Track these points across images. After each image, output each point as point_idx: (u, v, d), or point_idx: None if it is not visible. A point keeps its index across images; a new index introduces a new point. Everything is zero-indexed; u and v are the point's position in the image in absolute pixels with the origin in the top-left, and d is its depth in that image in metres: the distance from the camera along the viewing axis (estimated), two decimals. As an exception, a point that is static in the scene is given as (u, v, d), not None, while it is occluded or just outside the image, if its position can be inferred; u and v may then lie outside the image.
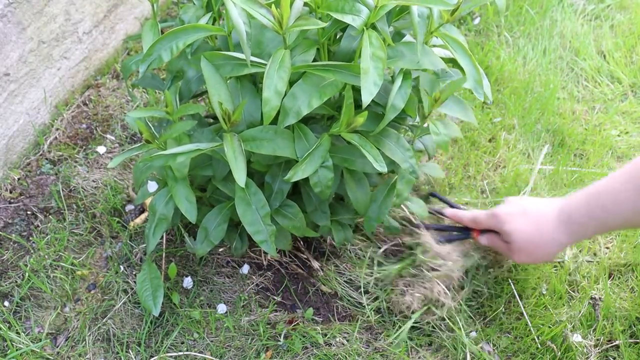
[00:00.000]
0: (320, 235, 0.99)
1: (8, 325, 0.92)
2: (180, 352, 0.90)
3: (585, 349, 0.90)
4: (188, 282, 0.98)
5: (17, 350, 0.88)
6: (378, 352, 0.91)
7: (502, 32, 1.55)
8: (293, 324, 0.93)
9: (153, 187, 0.89)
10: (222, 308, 0.96)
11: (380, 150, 0.72)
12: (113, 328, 0.93)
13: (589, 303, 0.96)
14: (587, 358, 0.89)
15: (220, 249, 1.03)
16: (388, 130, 0.75)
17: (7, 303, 0.95)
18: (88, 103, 1.30)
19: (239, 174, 0.67)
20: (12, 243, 1.04)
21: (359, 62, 0.62)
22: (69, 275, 0.99)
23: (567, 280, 0.98)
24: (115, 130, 1.25)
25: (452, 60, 0.79)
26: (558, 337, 0.91)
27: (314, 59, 0.70)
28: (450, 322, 0.93)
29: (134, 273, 1.00)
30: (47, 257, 1.01)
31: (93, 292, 0.97)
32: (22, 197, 1.11)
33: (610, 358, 0.90)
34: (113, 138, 1.24)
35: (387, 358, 0.90)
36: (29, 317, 0.94)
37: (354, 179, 0.83)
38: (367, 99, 0.61)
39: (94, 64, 1.34)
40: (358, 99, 0.70)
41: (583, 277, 0.99)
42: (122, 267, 1.01)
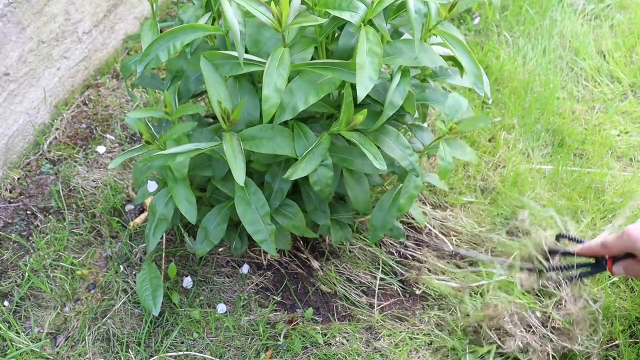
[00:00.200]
0: (320, 235, 0.99)
1: (8, 325, 0.92)
2: (180, 352, 0.90)
3: (586, 349, 0.90)
4: (188, 282, 0.98)
5: (17, 350, 0.88)
6: (378, 352, 0.90)
7: (502, 32, 1.55)
8: (293, 324, 0.93)
9: (153, 187, 0.89)
10: (222, 308, 0.95)
11: (380, 149, 0.72)
12: (113, 328, 0.93)
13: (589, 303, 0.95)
14: (587, 358, 0.89)
15: (220, 249, 1.03)
16: (387, 128, 0.75)
17: (7, 303, 0.95)
18: (88, 103, 1.30)
19: (239, 174, 0.67)
20: (12, 243, 1.04)
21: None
22: (69, 275, 0.99)
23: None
24: (115, 130, 1.25)
25: (451, 58, 0.79)
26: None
27: (313, 58, 0.70)
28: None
29: (134, 273, 1.00)
30: (47, 257, 1.01)
31: (93, 292, 0.97)
32: (22, 197, 1.11)
33: (610, 358, 0.90)
34: (113, 138, 1.24)
35: (387, 358, 0.90)
36: (29, 317, 0.94)
37: (354, 178, 0.83)
38: (362, 94, 0.61)
39: (94, 64, 1.35)
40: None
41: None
42: (122, 267, 1.01)
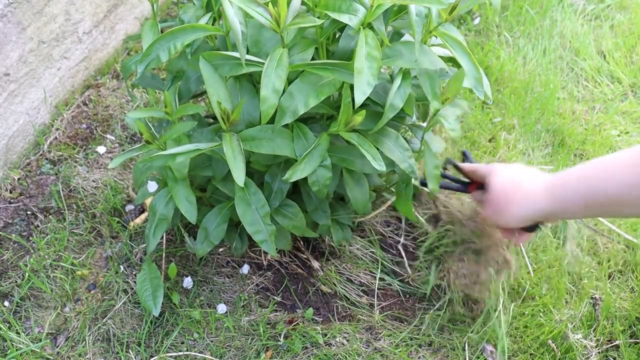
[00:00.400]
0: (320, 235, 0.99)
1: (8, 325, 0.92)
2: (180, 352, 0.90)
3: (586, 349, 0.90)
4: (188, 282, 0.98)
5: (17, 350, 0.88)
6: (378, 352, 0.90)
7: (502, 32, 1.55)
8: (293, 324, 0.93)
9: (153, 187, 0.89)
10: (222, 308, 0.96)
11: (379, 150, 0.72)
12: (113, 328, 0.93)
13: (589, 303, 0.96)
14: (587, 358, 0.89)
15: (220, 249, 1.03)
16: (387, 130, 0.75)
17: (7, 303, 0.96)
18: (88, 103, 1.30)
19: (238, 174, 0.67)
20: (12, 243, 1.04)
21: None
22: (69, 275, 0.99)
23: (567, 280, 0.98)
24: (115, 130, 1.25)
25: (451, 60, 0.78)
26: (558, 337, 0.91)
27: (313, 58, 0.70)
28: (450, 322, 0.93)
29: (134, 273, 1.00)
30: (47, 257, 1.01)
31: (93, 292, 0.98)
32: (22, 197, 1.11)
33: (610, 358, 0.90)
34: (113, 138, 1.24)
35: (387, 358, 0.90)
36: (29, 317, 0.94)
37: (354, 179, 0.83)
38: (359, 99, 0.61)
39: (94, 64, 1.35)
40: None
41: (583, 277, 0.99)
42: (122, 267, 1.01)
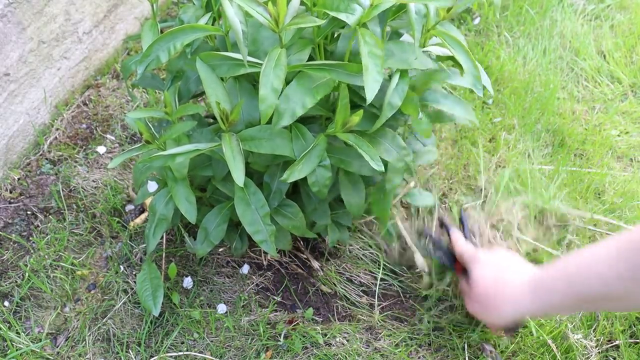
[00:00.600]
0: (320, 235, 0.99)
1: (8, 325, 0.92)
2: (180, 352, 0.90)
3: (586, 349, 0.90)
4: (188, 282, 0.98)
5: (17, 350, 0.88)
6: (378, 352, 0.90)
7: (502, 32, 1.55)
8: (293, 324, 0.93)
9: (153, 187, 0.89)
10: (222, 308, 0.96)
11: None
12: (113, 328, 0.93)
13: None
14: (587, 358, 0.89)
15: (220, 249, 1.03)
16: (384, 130, 0.75)
17: (7, 303, 0.96)
18: (88, 103, 1.30)
19: (238, 174, 0.67)
20: (12, 243, 1.04)
21: (355, 60, 0.62)
22: (69, 275, 0.99)
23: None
24: (115, 130, 1.25)
25: (451, 58, 0.78)
26: (558, 337, 0.91)
27: (311, 58, 0.70)
28: (450, 322, 0.93)
29: (134, 273, 1.00)
30: (47, 257, 1.01)
31: (93, 292, 0.98)
32: (22, 197, 1.11)
33: (610, 358, 0.90)
34: (113, 138, 1.24)
35: (387, 358, 0.90)
36: (29, 317, 0.94)
37: (350, 181, 0.83)
38: (370, 96, 0.60)
39: (94, 64, 1.35)
40: (353, 99, 0.70)
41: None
42: (122, 267, 1.01)
